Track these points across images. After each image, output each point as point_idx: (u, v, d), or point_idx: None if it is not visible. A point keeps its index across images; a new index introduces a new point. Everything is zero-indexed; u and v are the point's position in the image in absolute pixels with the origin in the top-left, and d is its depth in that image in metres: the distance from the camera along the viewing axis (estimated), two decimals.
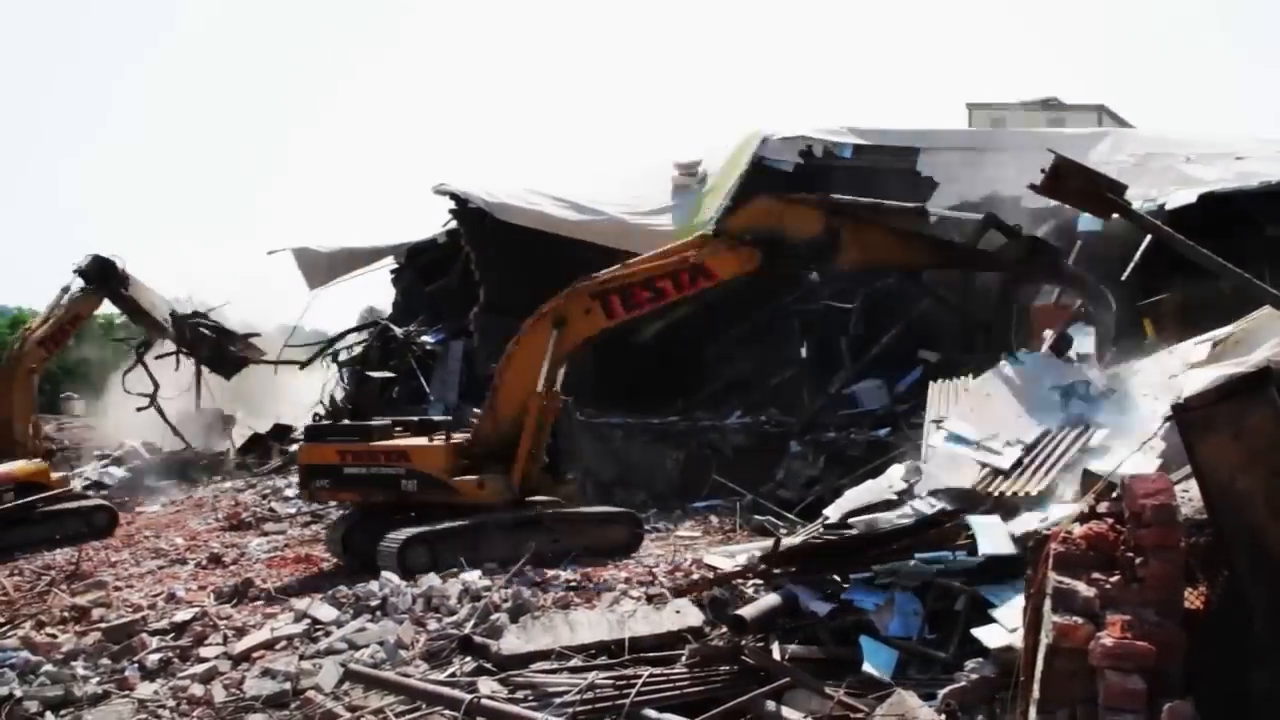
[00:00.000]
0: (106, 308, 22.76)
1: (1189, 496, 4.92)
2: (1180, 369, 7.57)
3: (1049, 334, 10.86)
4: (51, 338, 19.19)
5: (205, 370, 22.75)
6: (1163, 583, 4.37)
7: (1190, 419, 4.56)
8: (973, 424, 8.80)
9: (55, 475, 17.90)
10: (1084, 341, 11.17)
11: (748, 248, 11.53)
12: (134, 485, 24.57)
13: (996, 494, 7.62)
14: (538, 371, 11.98)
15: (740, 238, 11.58)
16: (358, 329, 27.42)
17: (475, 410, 14.27)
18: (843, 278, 20.01)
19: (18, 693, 8.21)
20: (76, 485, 19.68)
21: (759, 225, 11.51)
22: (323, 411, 22.70)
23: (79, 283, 19.62)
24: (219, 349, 22.21)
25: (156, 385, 22.46)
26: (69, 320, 19.51)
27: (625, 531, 12.87)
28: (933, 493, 7.90)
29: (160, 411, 23.17)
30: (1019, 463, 7.99)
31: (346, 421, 13.72)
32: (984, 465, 8.06)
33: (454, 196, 22.87)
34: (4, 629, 10.52)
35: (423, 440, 12.74)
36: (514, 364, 12.35)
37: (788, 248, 11.43)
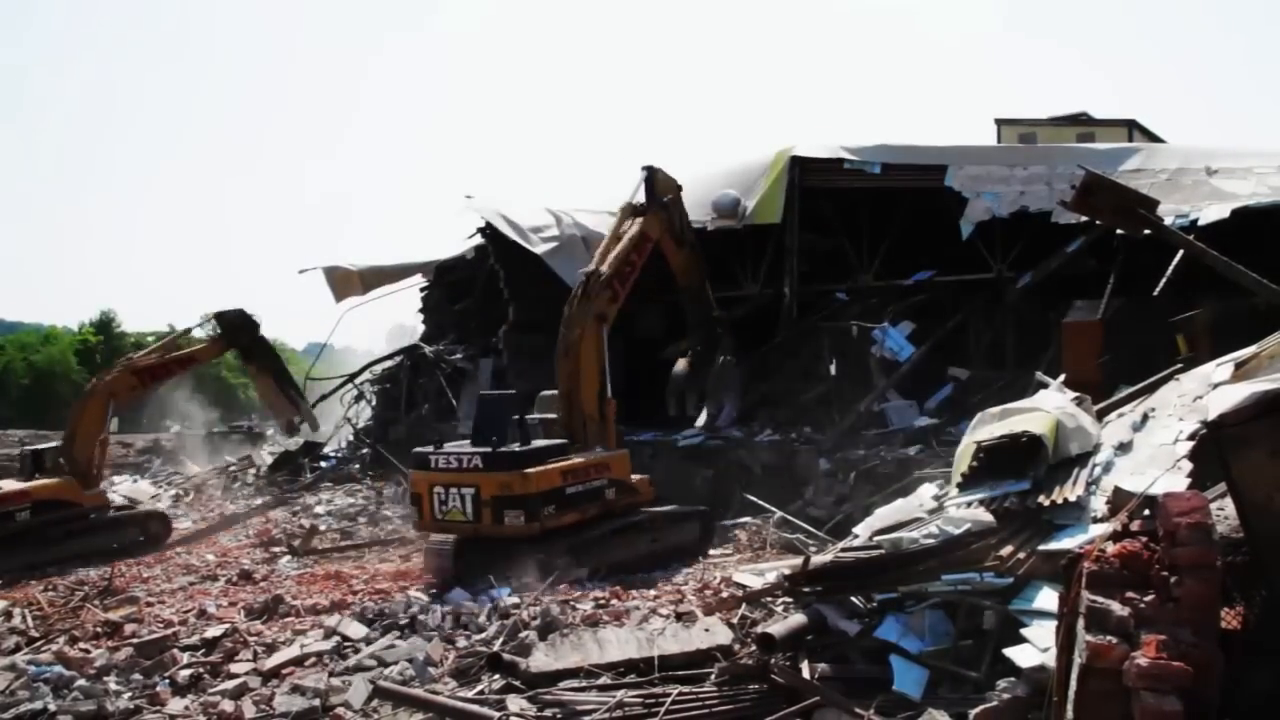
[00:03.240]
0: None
1: (1224, 514, 4.85)
2: (1202, 390, 7.46)
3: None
4: (151, 370, 19.35)
5: None
6: (1199, 602, 4.30)
7: (1225, 436, 4.50)
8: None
9: (90, 493, 18.10)
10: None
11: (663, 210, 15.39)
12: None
13: (1034, 506, 7.50)
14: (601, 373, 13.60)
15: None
16: (390, 356, 27.65)
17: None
18: (872, 294, 20.04)
19: (51, 707, 8.29)
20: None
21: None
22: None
23: (207, 328, 20.29)
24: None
25: None
26: (181, 359, 19.78)
27: (699, 528, 14.01)
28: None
29: None
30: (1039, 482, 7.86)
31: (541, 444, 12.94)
32: (1004, 498, 7.91)
33: (488, 223, 23.09)
34: (38, 644, 10.62)
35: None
36: (584, 369, 13.48)
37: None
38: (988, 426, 8.60)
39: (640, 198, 15.43)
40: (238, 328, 20.02)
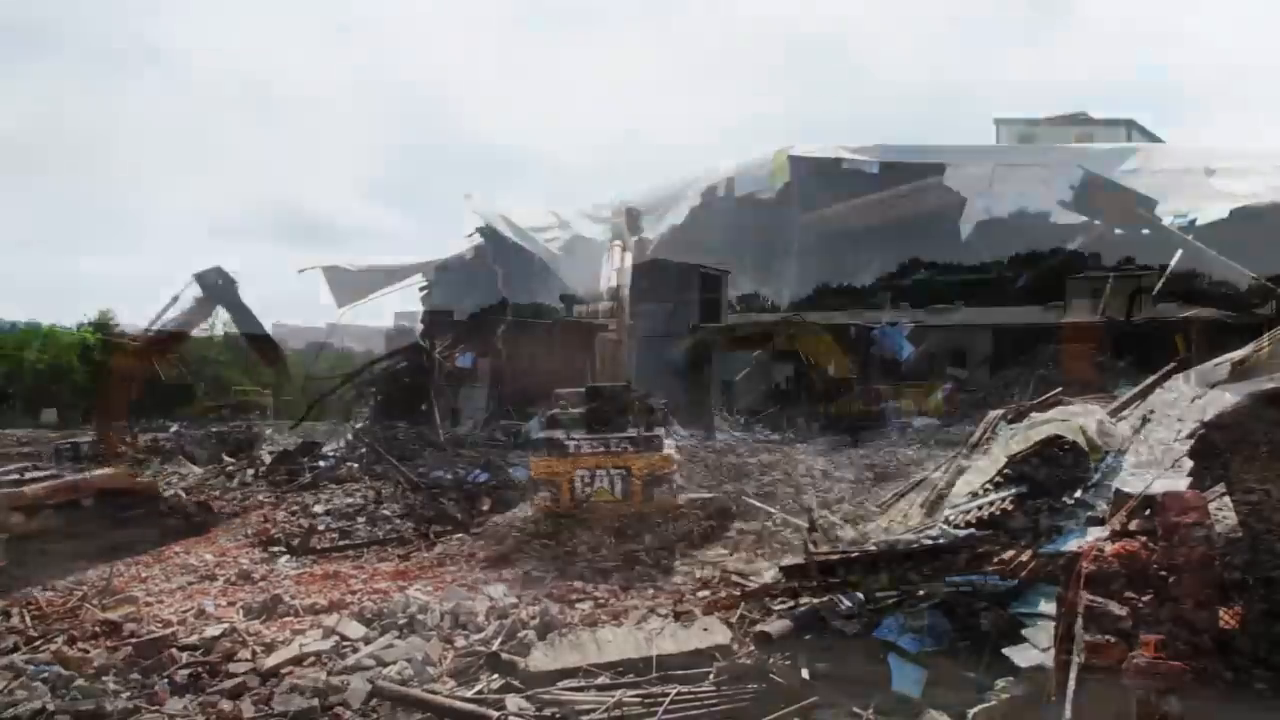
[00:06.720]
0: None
1: (1224, 515, 4.85)
2: (1200, 390, 7.46)
3: None
4: (153, 344, 19.44)
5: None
6: (1197, 601, 4.30)
7: (1224, 435, 4.50)
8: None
9: (140, 482, 18.44)
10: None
11: None
12: None
13: (1032, 510, 7.50)
14: None
15: None
16: (390, 356, 27.70)
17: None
18: (872, 294, 20.05)
19: (50, 707, 8.26)
20: None
21: None
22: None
23: (191, 292, 19.66)
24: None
25: None
26: (176, 331, 19.76)
27: None
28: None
29: None
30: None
31: None
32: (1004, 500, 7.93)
33: (487, 223, 23.16)
34: (37, 644, 10.60)
35: None
36: None
37: None
38: (1017, 437, 8.59)
39: None
40: (218, 286, 19.73)
